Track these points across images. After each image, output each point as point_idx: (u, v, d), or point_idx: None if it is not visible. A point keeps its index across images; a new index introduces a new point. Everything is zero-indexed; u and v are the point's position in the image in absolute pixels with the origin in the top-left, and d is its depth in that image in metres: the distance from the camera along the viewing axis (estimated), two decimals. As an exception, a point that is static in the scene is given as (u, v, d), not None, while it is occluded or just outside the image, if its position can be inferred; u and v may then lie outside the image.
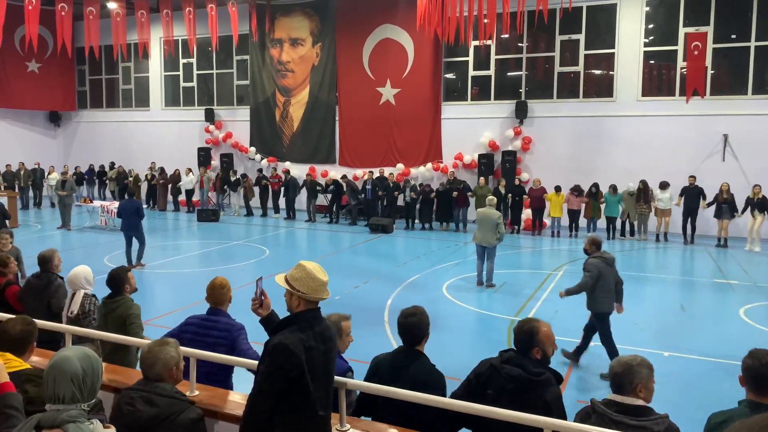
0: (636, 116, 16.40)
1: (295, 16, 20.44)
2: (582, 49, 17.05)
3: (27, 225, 17.33)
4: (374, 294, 9.80)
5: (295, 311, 2.80)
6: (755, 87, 15.49)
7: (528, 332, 3.18)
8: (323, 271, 2.87)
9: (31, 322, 3.45)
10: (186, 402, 2.87)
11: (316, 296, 2.80)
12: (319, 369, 2.76)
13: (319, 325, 2.81)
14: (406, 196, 17.30)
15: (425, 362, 3.31)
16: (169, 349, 2.98)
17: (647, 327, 8.32)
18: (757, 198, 13.86)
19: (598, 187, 15.56)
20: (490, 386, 3.08)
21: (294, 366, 2.66)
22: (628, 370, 2.84)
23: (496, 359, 3.19)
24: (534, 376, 3.02)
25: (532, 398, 2.95)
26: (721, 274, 11.62)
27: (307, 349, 2.70)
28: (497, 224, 10.02)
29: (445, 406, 2.94)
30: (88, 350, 2.37)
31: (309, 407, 2.75)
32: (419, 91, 18.75)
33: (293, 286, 2.79)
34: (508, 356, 3.16)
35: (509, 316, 8.79)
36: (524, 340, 3.18)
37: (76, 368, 2.24)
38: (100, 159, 23.34)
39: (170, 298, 10.01)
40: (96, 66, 24.55)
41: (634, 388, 2.82)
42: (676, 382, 6.48)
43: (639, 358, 2.91)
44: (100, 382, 2.33)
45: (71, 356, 2.28)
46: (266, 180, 19.59)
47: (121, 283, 4.81)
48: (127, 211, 11.72)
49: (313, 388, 2.72)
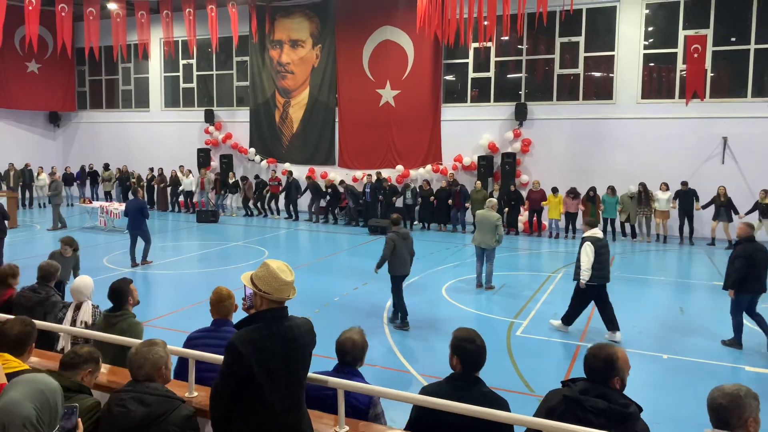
0: (635, 119, 16.41)
1: (295, 18, 20.46)
2: (582, 52, 17.06)
3: (27, 226, 17.32)
4: (373, 296, 9.79)
5: (258, 310, 2.78)
6: (755, 90, 15.50)
7: (606, 360, 2.88)
8: (289, 271, 2.81)
9: (30, 323, 3.44)
10: (178, 400, 2.87)
11: (278, 296, 2.75)
12: (277, 371, 2.68)
13: (280, 326, 2.74)
14: (407, 198, 17.34)
15: (486, 388, 3.07)
16: (157, 349, 2.98)
17: (646, 329, 8.32)
18: (765, 203, 13.97)
19: (596, 191, 15.60)
20: (568, 421, 2.74)
21: (242, 366, 2.63)
22: (735, 402, 2.54)
23: (569, 390, 2.86)
24: (623, 408, 2.74)
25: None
26: (720, 277, 11.60)
27: (259, 349, 2.65)
28: (496, 226, 10.02)
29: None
30: (40, 381, 2.14)
31: (265, 409, 2.69)
32: (419, 93, 18.75)
33: (256, 285, 2.76)
34: (585, 387, 2.84)
35: (509, 318, 8.79)
36: (602, 369, 2.87)
37: (27, 412, 2.02)
38: (100, 160, 23.32)
39: (170, 299, 9.99)
40: (96, 67, 24.55)
41: (744, 423, 2.53)
42: (675, 384, 6.48)
43: (744, 389, 2.59)
44: (61, 406, 2.16)
45: (19, 399, 2.04)
46: (266, 185, 19.64)
47: (124, 297, 4.52)
48: (132, 211, 12.01)
49: (269, 390, 2.67)
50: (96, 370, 3.20)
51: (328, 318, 8.69)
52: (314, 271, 11.78)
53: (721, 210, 14.37)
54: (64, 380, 2.96)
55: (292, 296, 2.80)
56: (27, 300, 5.15)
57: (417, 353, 7.36)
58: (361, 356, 3.48)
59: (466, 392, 2.97)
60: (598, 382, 2.85)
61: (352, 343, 3.46)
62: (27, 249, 13.59)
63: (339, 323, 4.43)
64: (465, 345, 3.08)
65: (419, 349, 7.50)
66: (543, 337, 8.00)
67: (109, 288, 4.52)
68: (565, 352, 7.47)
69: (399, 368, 6.85)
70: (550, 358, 7.25)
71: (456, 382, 3.05)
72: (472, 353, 3.07)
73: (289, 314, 2.83)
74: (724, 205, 14.33)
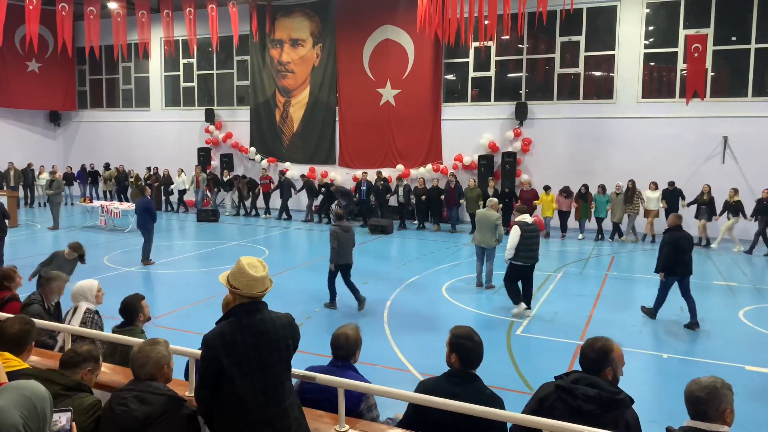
0: (636, 118, 16.41)
1: (296, 17, 20.45)
2: (582, 51, 17.06)
3: (28, 225, 17.33)
4: (374, 295, 9.79)
5: (233, 305, 2.84)
6: (755, 89, 15.50)
7: (600, 350, 2.96)
8: (260, 267, 2.86)
9: (29, 321, 3.44)
10: (179, 399, 2.87)
11: (248, 291, 2.79)
12: (249, 363, 2.71)
13: (251, 319, 2.77)
14: (400, 197, 17.39)
15: (482, 385, 3.08)
16: (160, 348, 2.99)
17: (646, 329, 8.32)
18: (734, 201, 14.12)
19: (588, 188, 15.61)
20: (558, 409, 2.81)
21: (211, 360, 2.69)
22: (712, 394, 2.62)
23: (562, 380, 2.91)
24: (613, 395, 2.78)
25: (612, 420, 2.71)
26: (721, 277, 11.62)
27: (229, 342, 2.70)
28: (496, 226, 10.02)
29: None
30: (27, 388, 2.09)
31: (239, 404, 2.71)
32: (419, 92, 18.75)
33: (229, 281, 2.83)
34: (577, 377, 2.89)
35: (508, 317, 8.79)
36: (596, 359, 2.95)
37: (14, 420, 1.94)
38: (101, 159, 23.32)
39: (171, 298, 9.99)
40: (96, 66, 24.54)
41: (720, 414, 2.61)
42: (675, 384, 6.48)
43: (720, 380, 2.68)
44: (50, 413, 2.11)
45: (6, 406, 1.97)
46: (257, 184, 19.72)
47: (135, 313, 4.47)
48: (138, 209, 12.45)
49: (240, 382, 2.69)
50: (96, 369, 3.21)
51: (329, 317, 8.70)
52: (314, 270, 11.79)
53: (703, 209, 14.50)
54: (64, 379, 2.96)
55: (258, 292, 2.81)
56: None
57: (417, 352, 7.36)
58: (354, 351, 3.52)
59: (463, 388, 2.99)
60: (590, 372, 2.91)
61: (346, 338, 3.50)
62: (28, 248, 13.59)
63: (338, 322, 4.44)
64: (463, 342, 3.12)
65: (419, 348, 7.50)
66: (543, 336, 8.01)
67: (121, 302, 4.49)
68: (565, 351, 7.47)
69: (399, 367, 6.86)
70: (550, 358, 7.26)
71: (453, 378, 3.08)
72: (470, 350, 3.10)
73: (267, 309, 2.86)
74: (706, 204, 14.46)
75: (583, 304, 9.44)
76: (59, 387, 2.88)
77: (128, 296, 4.55)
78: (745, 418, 2.57)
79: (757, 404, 5.88)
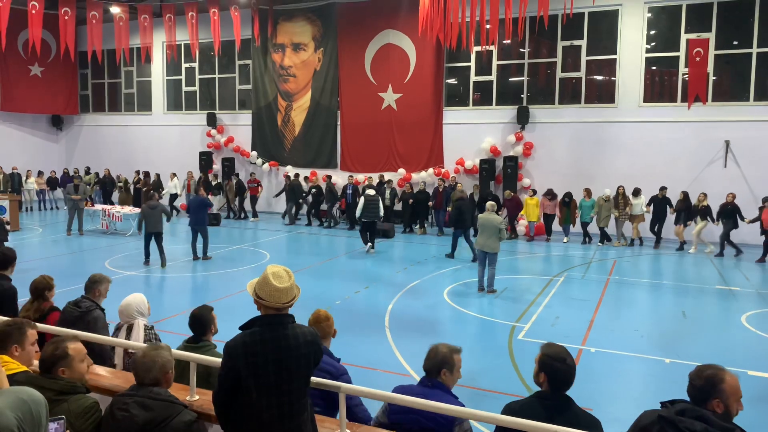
0: (637, 122, 16.41)
1: (298, 21, 20.50)
2: (584, 55, 17.08)
3: (30, 229, 17.35)
4: (375, 299, 9.78)
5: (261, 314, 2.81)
6: (757, 93, 15.50)
7: (708, 379, 2.68)
8: (285, 276, 2.78)
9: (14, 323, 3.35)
10: (181, 405, 2.87)
11: (271, 302, 2.74)
12: (267, 377, 2.67)
13: (275, 332, 2.71)
14: (385, 200, 17.44)
15: (579, 409, 2.92)
16: (164, 353, 2.99)
17: (648, 333, 8.30)
18: (702, 206, 14.18)
19: (572, 196, 15.74)
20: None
21: (230, 368, 2.70)
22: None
23: (666, 411, 2.63)
24: (725, 431, 2.49)
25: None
26: (722, 281, 11.59)
27: (249, 353, 2.67)
28: (499, 230, 10.02)
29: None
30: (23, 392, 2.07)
31: (253, 416, 2.69)
32: (421, 97, 18.77)
33: (255, 290, 2.79)
34: (683, 407, 2.61)
35: (510, 321, 8.78)
36: (702, 387, 2.68)
37: (8, 422, 1.95)
38: (102, 163, 23.37)
39: (173, 301, 9.99)
40: (98, 70, 24.62)
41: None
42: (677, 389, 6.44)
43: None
44: (45, 418, 2.10)
45: (1, 408, 1.97)
46: (245, 188, 19.86)
47: (207, 326, 4.09)
48: (194, 207, 12.80)
49: (257, 394, 2.67)
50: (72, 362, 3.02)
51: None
52: (316, 274, 11.78)
53: (682, 214, 14.61)
54: (54, 384, 2.90)
55: (284, 302, 2.74)
56: (69, 316, 4.80)
57: (419, 356, 7.33)
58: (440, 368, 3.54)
59: (557, 413, 2.85)
60: (696, 402, 2.67)
61: (435, 353, 3.55)
62: (29, 252, 13.60)
63: (342, 326, 4.43)
64: (555, 364, 2.97)
65: (421, 353, 7.47)
66: (544, 340, 7.96)
67: (190, 315, 4.16)
68: (567, 356, 7.45)
69: (400, 371, 6.84)
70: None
71: (545, 401, 2.93)
72: (560, 372, 2.96)
73: (292, 322, 2.78)
74: (683, 209, 14.56)
75: (585, 311, 9.42)
76: (52, 393, 2.79)
77: (198, 308, 4.19)
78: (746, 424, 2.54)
79: (759, 409, 5.86)
